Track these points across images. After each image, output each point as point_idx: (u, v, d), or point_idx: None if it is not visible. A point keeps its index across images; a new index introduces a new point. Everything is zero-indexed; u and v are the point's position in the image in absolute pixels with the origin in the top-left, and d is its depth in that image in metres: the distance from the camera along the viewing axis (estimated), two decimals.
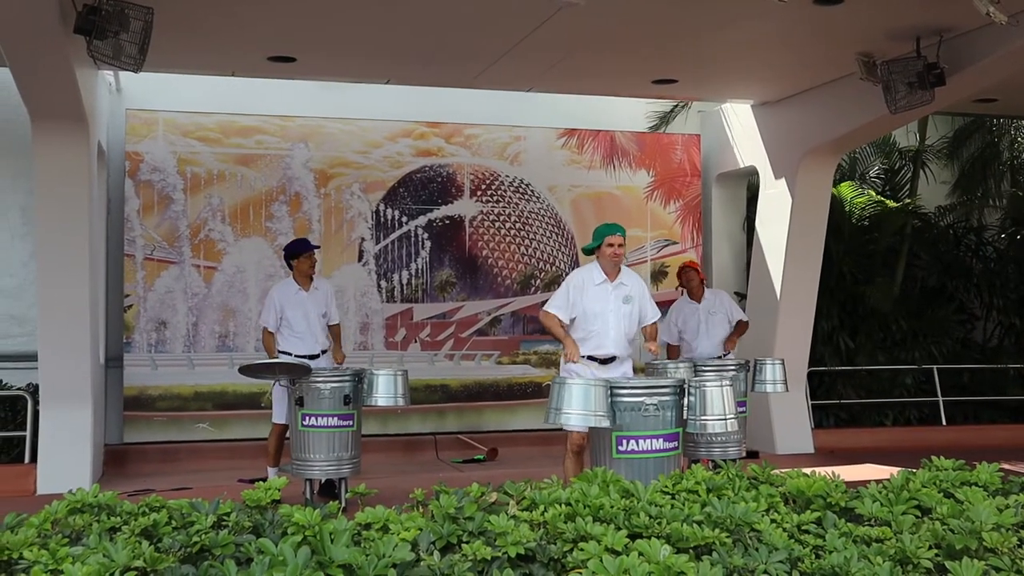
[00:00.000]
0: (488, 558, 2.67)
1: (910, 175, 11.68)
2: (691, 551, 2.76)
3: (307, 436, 6.69)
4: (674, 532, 2.83)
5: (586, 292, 6.24)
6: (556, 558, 2.74)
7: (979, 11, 5.61)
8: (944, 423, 10.62)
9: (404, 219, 10.04)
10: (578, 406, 5.18)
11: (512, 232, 10.30)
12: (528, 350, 10.31)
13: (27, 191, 8.89)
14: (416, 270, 10.06)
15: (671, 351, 8.30)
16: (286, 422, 7.13)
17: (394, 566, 2.53)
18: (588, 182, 10.50)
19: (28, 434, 8.12)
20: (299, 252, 7.57)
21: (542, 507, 3.04)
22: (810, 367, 10.04)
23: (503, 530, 2.78)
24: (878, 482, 3.51)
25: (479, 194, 10.21)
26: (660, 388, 5.28)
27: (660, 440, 5.20)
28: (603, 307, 6.23)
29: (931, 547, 2.84)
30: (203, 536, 2.78)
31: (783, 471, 3.68)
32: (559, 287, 6.48)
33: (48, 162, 7.47)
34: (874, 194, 11.31)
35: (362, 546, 2.71)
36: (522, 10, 6.81)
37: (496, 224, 10.26)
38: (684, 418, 5.27)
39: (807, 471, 3.62)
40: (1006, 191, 12.17)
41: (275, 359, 7.29)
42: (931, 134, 11.77)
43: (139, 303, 9.33)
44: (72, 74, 6.67)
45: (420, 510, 3.14)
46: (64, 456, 7.75)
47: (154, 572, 2.53)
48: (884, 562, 2.68)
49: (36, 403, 8.10)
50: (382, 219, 9.98)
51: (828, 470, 3.65)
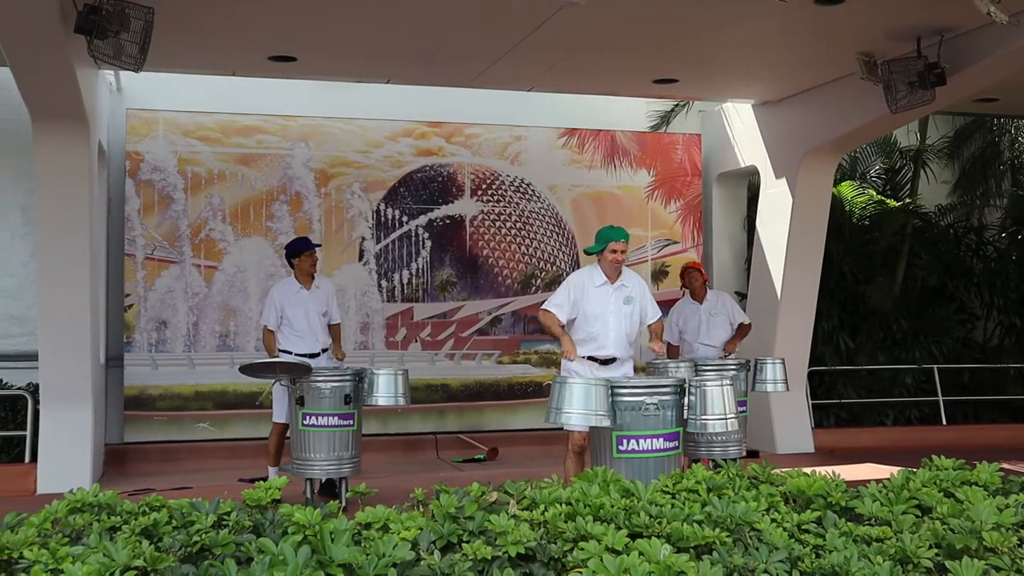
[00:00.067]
0: (488, 557, 2.67)
1: (911, 175, 11.68)
2: (691, 550, 2.76)
3: (308, 435, 6.70)
4: (674, 531, 2.83)
5: (587, 294, 6.24)
6: (556, 557, 2.74)
7: (980, 11, 5.61)
8: (944, 423, 10.62)
9: (405, 219, 10.04)
10: (579, 405, 5.18)
11: (513, 232, 10.30)
12: (528, 350, 10.31)
13: (27, 191, 8.89)
14: (417, 270, 10.06)
15: (671, 351, 8.30)
16: (286, 421, 7.13)
17: (394, 565, 2.54)
18: (589, 182, 10.49)
19: (28, 434, 8.13)
20: (300, 251, 7.58)
21: (542, 506, 3.04)
22: (810, 367, 10.04)
23: (503, 529, 2.78)
24: (878, 482, 3.51)
25: (480, 194, 10.21)
26: (660, 388, 5.29)
27: (660, 440, 5.20)
28: (603, 309, 6.24)
29: (931, 547, 2.84)
30: (203, 536, 2.79)
31: (783, 471, 3.68)
32: (560, 286, 6.48)
33: (49, 162, 7.47)
34: (875, 194, 11.31)
35: (362, 545, 2.71)
36: (522, 10, 6.80)
37: (497, 224, 10.27)
38: (684, 418, 5.28)
39: (807, 471, 3.62)
40: (1007, 191, 12.17)
41: (275, 358, 7.29)
42: (932, 134, 11.76)
43: (139, 303, 9.33)
44: (73, 74, 6.67)
45: (420, 509, 3.14)
46: (64, 456, 7.75)
47: (154, 571, 2.53)
48: (884, 562, 2.68)
49: (36, 403, 8.11)
50: (383, 219, 9.98)
51: (828, 470, 3.65)
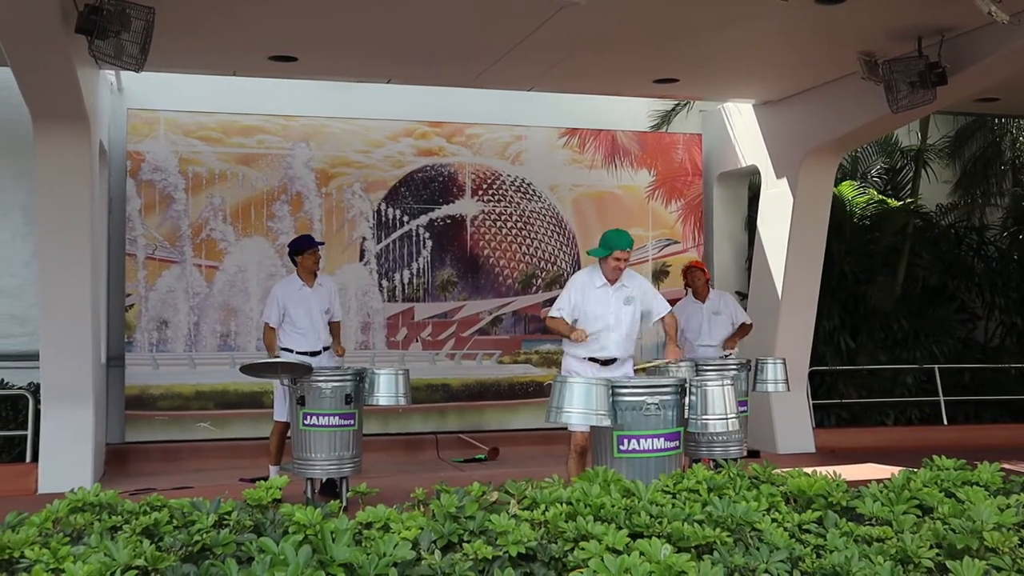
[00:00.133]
0: (489, 557, 2.67)
1: (912, 174, 11.68)
2: (692, 550, 2.76)
3: (308, 435, 6.70)
4: (675, 531, 2.83)
5: (587, 295, 6.27)
6: (557, 557, 2.74)
7: (981, 10, 5.60)
8: (945, 423, 10.61)
9: (405, 218, 10.04)
10: (579, 405, 5.19)
11: (513, 231, 10.30)
12: (529, 349, 10.31)
13: (29, 191, 8.89)
14: (417, 269, 10.06)
15: None
16: (288, 420, 7.14)
17: (395, 565, 2.54)
18: (589, 181, 10.49)
19: (29, 433, 8.13)
20: (304, 248, 7.59)
21: (543, 506, 3.04)
22: (811, 366, 10.03)
23: (504, 529, 2.78)
24: (879, 481, 3.51)
25: (480, 193, 10.21)
26: (661, 387, 5.29)
27: (661, 439, 5.20)
28: (604, 310, 6.26)
29: (932, 547, 2.84)
30: (204, 535, 2.78)
31: (784, 470, 3.68)
32: (562, 290, 6.50)
33: (50, 162, 7.47)
34: (875, 193, 11.31)
35: (363, 545, 2.71)
36: (523, 10, 6.80)
37: (497, 223, 10.26)
38: (685, 417, 5.28)
39: (808, 470, 3.62)
40: (1007, 190, 12.16)
41: (276, 357, 7.29)
42: (932, 133, 11.75)
43: (140, 302, 9.34)
44: (74, 74, 6.67)
45: (421, 509, 3.14)
46: (65, 455, 7.75)
47: (155, 571, 2.53)
48: (885, 561, 2.68)
49: (38, 402, 8.11)
50: (383, 218, 9.98)
51: (829, 469, 3.65)
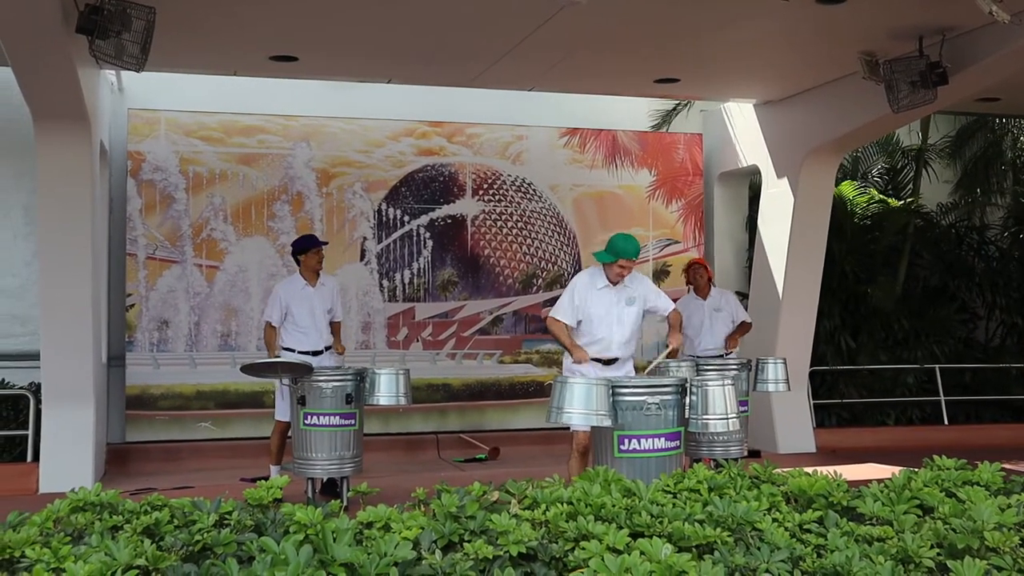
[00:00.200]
0: (490, 557, 2.67)
1: (912, 174, 11.67)
2: (693, 550, 2.76)
3: (309, 435, 6.70)
4: (676, 531, 2.82)
5: (590, 296, 6.27)
6: (558, 557, 2.74)
7: (982, 10, 5.59)
8: (946, 423, 10.61)
9: (406, 218, 10.04)
10: (580, 405, 5.18)
11: (514, 231, 10.30)
12: (530, 349, 10.31)
13: (29, 191, 8.89)
14: (418, 269, 10.06)
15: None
16: (289, 419, 7.14)
17: (396, 565, 2.53)
18: (590, 181, 10.49)
19: (30, 433, 8.14)
20: (307, 248, 7.59)
21: (544, 506, 3.04)
22: (812, 366, 10.03)
23: (505, 529, 2.78)
24: (880, 481, 3.51)
25: (481, 193, 10.21)
26: (662, 387, 5.28)
27: (662, 439, 5.20)
28: (606, 310, 6.26)
29: (933, 546, 2.84)
30: (205, 535, 2.78)
31: (785, 470, 3.67)
32: (564, 291, 6.47)
33: (50, 162, 7.48)
34: (876, 193, 11.31)
35: (364, 545, 2.71)
36: (523, 10, 6.80)
37: (498, 223, 10.26)
38: (686, 417, 5.27)
39: (809, 470, 3.61)
40: (1008, 188, 12.16)
41: (276, 357, 7.29)
42: (933, 133, 11.75)
43: (141, 302, 9.34)
44: (74, 74, 6.67)
45: (422, 509, 3.14)
46: (66, 455, 7.76)
47: (156, 571, 2.53)
48: (886, 561, 2.68)
49: (38, 402, 8.12)
50: (384, 218, 9.98)
51: (830, 469, 3.65)
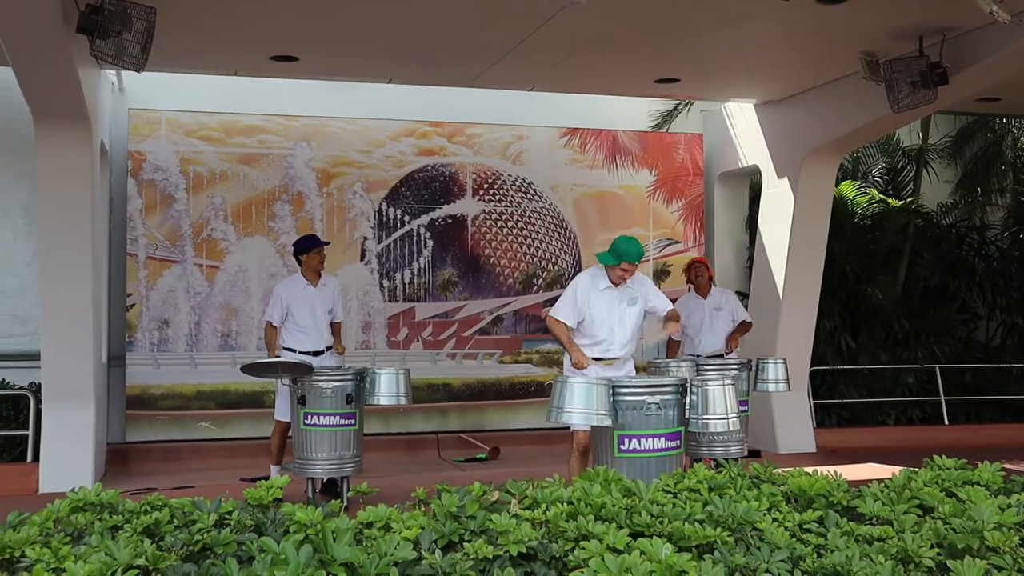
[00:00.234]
0: (490, 557, 2.67)
1: (913, 174, 11.67)
2: (693, 550, 2.76)
3: (309, 435, 6.70)
4: (676, 531, 2.82)
5: (592, 298, 6.25)
6: (558, 557, 2.74)
7: (982, 10, 5.59)
8: (946, 423, 10.61)
9: (406, 218, 10.04)
10: (580, 405, 5.19)
11: (514, 231, 10.30)
12: (530, 349, 10.31)
13: (30, 190, 8.89)
14: (418, 269, 10.06)
15: (672, 346, 8.31)
16: (290, 419, 7.14)
17: (396, 564, 2.54)
18: (590, 181, 10.49)
19: (31, 433, 8.14)
20: (309, 248, 7.59)
21: (544, 506, 3.04)
22: (812, 366, 10.03)
23: (505, 529, 2.78)
24: (880, 481, 3.51)
25: (481, 193, 10.21)
26: (662, 387, 5.29)
27: (662, 439, 5.20)
28: (608, 311, 6.25)
29: (933, 546, 2.84)
30: (205, 535, 2.79)
31: (785, 470, 3.68)
32: (565, 291, 6.45)
33: (51, 161, 7.48)
34: (876, 193, 11.31)
35: (364, 545, 2.71)
36: (523, 10, 6.80)
37: (498, 223, 10.26)
38: (686, 417, 5.28)
39: (809, 470, 3.61)
40: (1008, 187, 12.15)
41: (276, 357, 7.29)
42: (933, 133, 11.75)
43: (141, 302, 9.34)
44: (75, 73, 6.67)
45: (422, 509, 3.14)
46: (66, 455, 7.75)
47: (156, 570, 2.53)
48: (886, 561, 2.68)
49: (39, 402, 8.12)
50: (384, 218, 9.98)
51: (830, 469, 3.65)
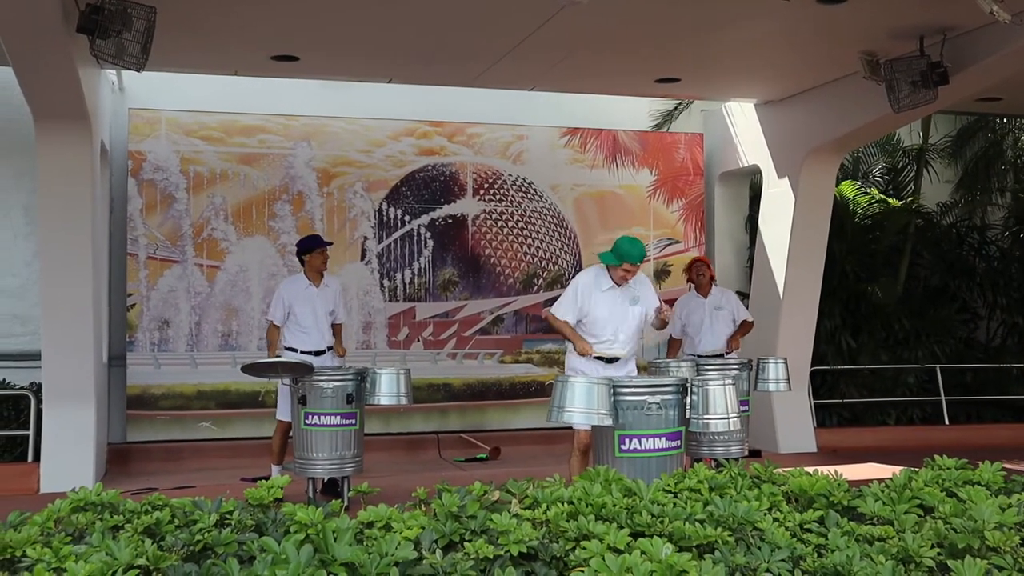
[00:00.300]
0: (490, 556, 2.67)
1: (913, 174, 11.67)
2: (693, 550, 2.76)
3: (310, 435, 6.70)
4: (676, 531, 2.82)
5: (594, 297, 6.25)
6: (558, 556, 2.74)
7: (983, 10, 5.59)
8: (947, 422, 10.60)
9: (407, 218, 10.04)
10: (581, 404, 5.19)
11: (515, 231, 10.30)
12: (531, 349, 10.31)
13: (30, 190, 8.89)
14: (419, 269, 10.06)
15: (673, 345, 8.32)
16: (291, 419, 7.13)
17: (396, 564, 2.54)
18: (591, 181, 10.49)
19: (31, 433, 8.15)
20: (312, 248, 7.59)
21: (544, 506, 3.04)
22: (813, 366, 10.03)
23: (505, 528, 2.78)
24: (880, 481, 3.51)
25: (482, 193, 10.21)
26: (663, 387, 5.29)
27: (663, 439, 5.20)
28: (610, 311, 6.25)
29: (933, 546, 2.84)
30: (206, 534, 2.79)
31: (785, 470, 3.67)
32: (566, 288, 6.46)
33: (51, 161, 7.48)
34: (877, 193, 11.31)
35: (364, 544, 2.71)
36: (524, 10, 6.80)
37: (499, 223, 10.26)
38: (687, 417, 5.28)
39: (809, 470, 3.61)
40: (1008, 186, 12.15)
41: (277, 357, 7.30)
42: (934, 133, 11.75)
43: (142, 302, 9.34)
44: (75, 73, 6.67)
45: (422, 509, 3.14)
46: (67, 455, 7.76)
47: (157, 570, 2.53)
48: (886, 561, 2.68)
49: (39, 402, 8.12)
50: (385, 218, 9.98)
51: (831, 469, 3.65)
